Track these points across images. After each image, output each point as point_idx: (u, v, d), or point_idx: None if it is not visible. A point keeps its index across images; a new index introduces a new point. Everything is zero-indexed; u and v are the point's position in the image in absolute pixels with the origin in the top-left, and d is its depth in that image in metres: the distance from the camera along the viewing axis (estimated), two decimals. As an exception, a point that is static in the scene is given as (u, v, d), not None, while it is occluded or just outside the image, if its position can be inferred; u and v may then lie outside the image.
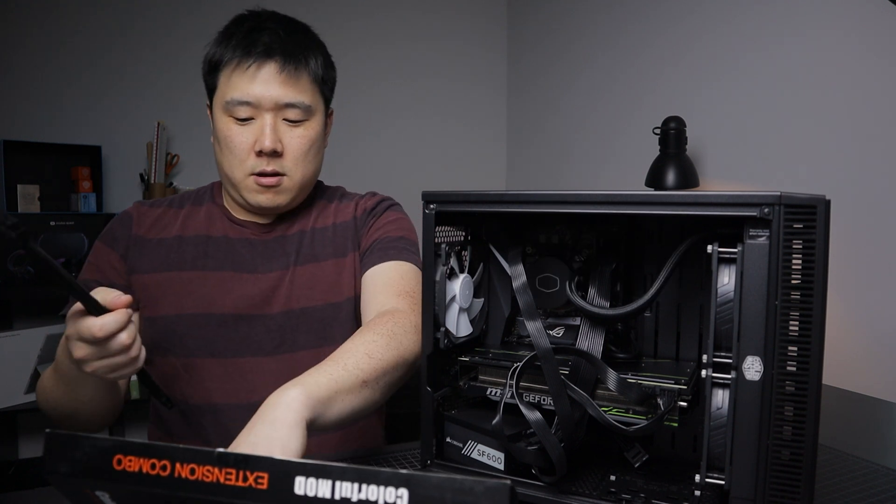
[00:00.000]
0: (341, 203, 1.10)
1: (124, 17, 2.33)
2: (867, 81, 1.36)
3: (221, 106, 0.96)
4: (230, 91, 0.95)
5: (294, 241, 1.04)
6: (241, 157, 0.96)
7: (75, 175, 2.19)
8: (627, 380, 0.66)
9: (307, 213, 1.07)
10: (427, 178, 2.72)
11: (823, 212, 0.55)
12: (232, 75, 0.95)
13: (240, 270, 1.01)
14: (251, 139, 0.95)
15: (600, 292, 0.72)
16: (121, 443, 0.38)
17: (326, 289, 1.02)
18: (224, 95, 0.95)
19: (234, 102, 0.94)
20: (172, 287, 0.99)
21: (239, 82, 0.94)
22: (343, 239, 1.06)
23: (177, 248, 1.01)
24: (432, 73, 2.78)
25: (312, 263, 1.03)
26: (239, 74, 0.94)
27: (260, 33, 0.95)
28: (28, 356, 2.07)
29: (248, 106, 0.94)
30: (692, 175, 1.69)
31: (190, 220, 1.04)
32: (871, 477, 0.80)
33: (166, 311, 0.98)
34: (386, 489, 0.33)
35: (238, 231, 1.04)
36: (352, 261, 1.05)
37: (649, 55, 2.04)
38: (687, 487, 0.69)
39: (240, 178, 0.97)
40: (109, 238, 1.02)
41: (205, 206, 1.06)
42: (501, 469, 0.72)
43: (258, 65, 0.94)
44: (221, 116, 0.97)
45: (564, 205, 0.66)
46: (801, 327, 0.56)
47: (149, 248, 1.01)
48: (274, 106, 0.95)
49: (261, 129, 0.95)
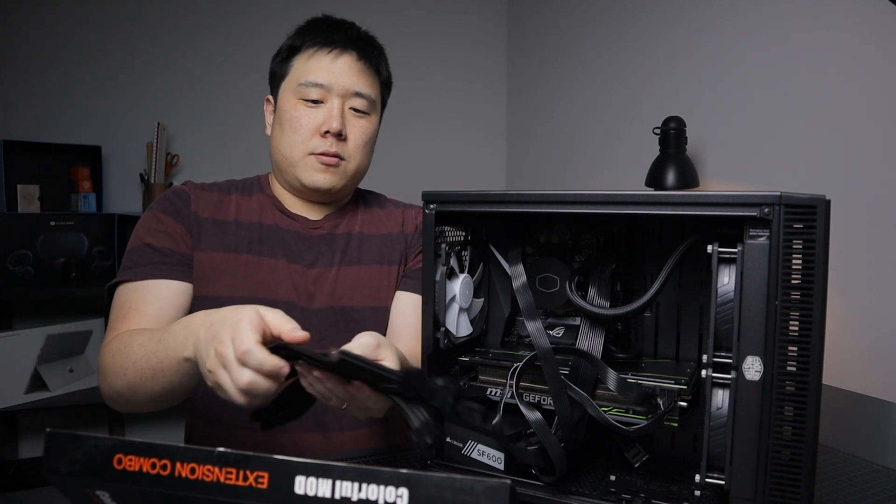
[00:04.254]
0: (384, 209, 1.13)
1: (124, 17, 2.32)
2: (867, 81, 1.36)
3: (292, 89, 1.00)
4: (307, 73, 0.99)
5: (341, 242, 1.06)
6: (305, 136, 0.99)
7: (75, 175, 2.19)
8: (627, 380, 0.66)
9: (353, 216, 1.09)
10: (427, 178, 2.71)
11: (823, 212, 0.55)
12: (310, 59, 1.00)
13: (292, 260, 1.02)
14: (319, 120, 0.99)
15: (600, 292, 0.72)
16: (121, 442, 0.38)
17: (369, 292, 1.04)
18: (299, 77, 1.00)
19: (309, 83, 0.98)
20: (229, 268, 0.99)
21: (317, 65, 0.99)
22: (390, 250, 1.08)
23: (234, 231, 1.02)
24: (432, 73, 2.78)
25: (356, 265, 1.05)
26: (318, 59, 0.99)
27: (340, 29, 1.02)
28: (28, 356, 2.07)
29: (320, 88, 0.99)
30: (692, 175, 1.69)
31: (242, 206, 1.05)
32: (871, 477, 0.80)
33: (220, 291, 0.98)
34: (386, 489, 0.33)
35: (289, 223, 1.05)
36: (395, 273, 1.07)
37: (649, 55, 2.04)
38: (687, 487, 0.69)
39: (299, 156, 0.99)
40: (172, 209, 1.01)
41: (255, 196, 1.07)
42: (501, 469, 0.72)
43: (338, 52, 1.00)
44: (290, 99, 1.00)
45: (564, 205, 0.66)
46: (801, 327, 0.56)
47: (206, 227, 1.01)
48: (345, 92, 0.99)
49: (329, 111, 0.99)
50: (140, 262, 0.96)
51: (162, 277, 0.96)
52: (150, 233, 0.99)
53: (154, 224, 1.00)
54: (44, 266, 2.08)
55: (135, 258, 0.97)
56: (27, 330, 2.08)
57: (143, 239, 0.98)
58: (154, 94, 2.37)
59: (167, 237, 0.98)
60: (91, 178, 2.20)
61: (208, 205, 1.03)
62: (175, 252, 0.98)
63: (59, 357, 2.14)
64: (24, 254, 2.05)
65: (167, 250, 0.97)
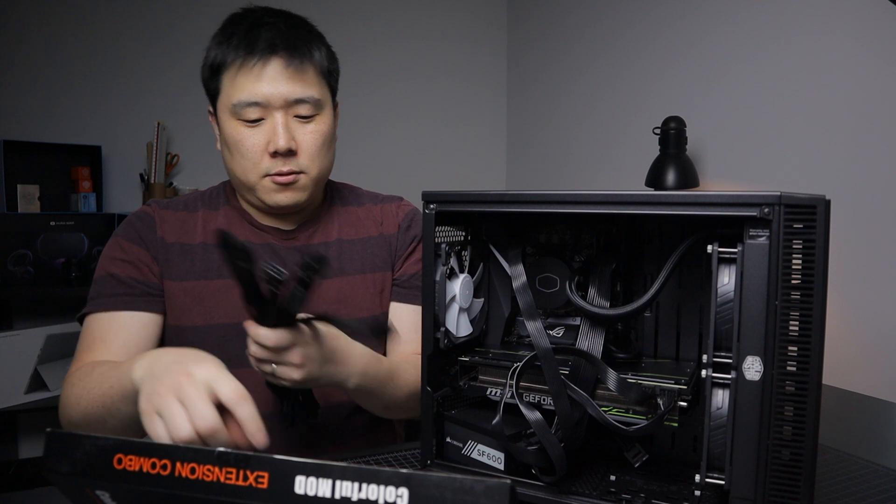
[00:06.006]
0: (361, 207, 1.07)
1: (124, 18, 2.32)
2: (867, 81, 1.36)
3: (228, 110, 0.92)
4: (236, 93, 0.91)
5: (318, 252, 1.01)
6: (254, 160, 0.92)
7: (75, 175, 2.19)
8: (627, 380, 0.66)
9: (329, 221, 1.04)
10: (427, 178, 2.72)
11: (823, 212, 0.55)
12: (237, 76, 0.91)
13: None
14: (263, 140, 0.92)
15: (600, 292, 0.72)
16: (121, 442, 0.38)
17: (353, 304, 1.01)
18: (230, 98, 0.92)
19: (243, 104, 0.90)
20: (201, 297, 0.96)
21: (245, 83, 0.90)
22: (372, 256, 1.04)
23: (202, 256, 0.97)
24: (432, 74, 2.78)
25: (339, 277, 1.01)
26: (244, 75, 0.90)
27: (260, 30, 0.91)
28: (28, 356, 2.07)
29: (256, 107, 0.91)
30: (692, 175, 1.69)
31: (210, 224, 1.00)
32: (871, 477, 0.80)
33: (196, 321, 0.95)
34: (386, 488, 0.33)
35: (260, 236, 1.00)
36: (382, 280, 1.03)
37: (649, 55, 2.04)
38: (687, 487, 0.69)
39: (254, 180, 0.94)
40: (135, 236, 0.97)
41: (221, 210, 1.02)
42: (501, 469, 0.72)
43: (263, 62, 0.90)
44: (229, 120, 0.93)
45: (564, 205, 0.66)
46: (801, 327, 0.56)
47: (174, 254, 0.97)
48: (284, 103, 0.91)
49: (272, 128, 0.91)
50: (104, 293, 0.93)
51: (126, 309, 0.93)
52: (113, 262, 0.95)
53: (117, 253, 0.96)
54: (44, 266, 2.08)
55: (99, 289, 0.94)
56: (27, 330, 2.08)
57: (108, 269, 0.95)
58: (154, 94, 2.37)
59: (131, 266, 0.95)
60: (91, 178, 2.20)
61: (174, 227, 0.98)
62: (140, 282, 0.94)
63: (59, 357, 2.14)
64: (24, 254, 2.05)
65: (131, 280, 0.94)
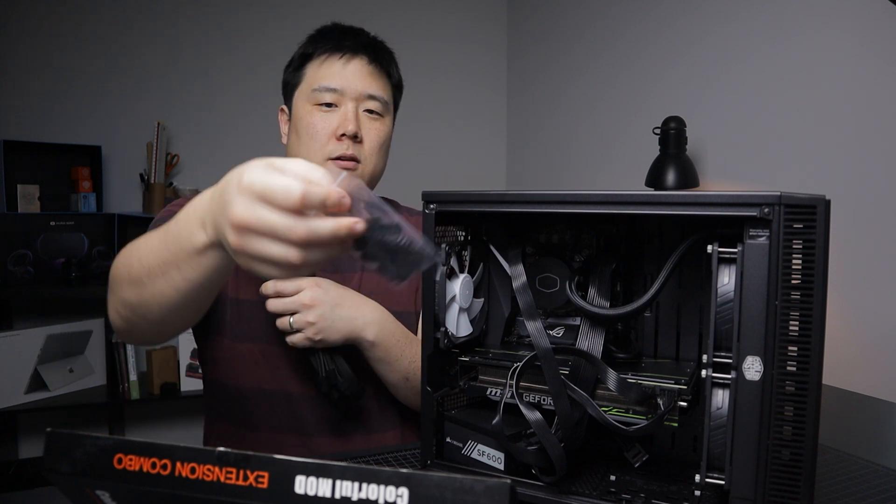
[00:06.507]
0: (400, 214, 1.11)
1: (124, 18, 2.33)
2: (867, 81, 1.36)
3: (306, 95, 1.02)
4: (319, 79, 1.01)
5: None
6: (321, 141, 1.00)
7: (75, 175, 2.19)
8: (627, 380, 0.66)
9: None
10: (427, 178, 2.71)
11: (823, 212, 0.55)
12: (322, 65, 1.02)
13: None
14: (334, 124, 1.00)
15: (600, 292, 0.72)
16: (121, 442, 0.38)
17: (391, 297, 1.03)
18: (312, 83, 1.01)
19: (323, 88, 1.00)
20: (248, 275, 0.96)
21: (329, 71, 1.01)
22: None
23: None
24: (432, 73, 2.78)
25: None
26: (329, 65, 1.01)
27: (350, 34, 1.05)
28: (28, 356, 2.07)
29: (333, 93, 1.00)
30: (692, 175, 1.69)
31: None
32: (871, 477, 0.80)
33: (251, 295, 0.98)
34: (386, 488, 0.33)
35: None
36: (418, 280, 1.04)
37: (649, 55, 2.04)
38: (687, 487, 0.69)
39: (318, 162, 0.95)
40: None
41: None
42: (501, 469, 0.72)
43: (349, 57, 1.02)
44: (304, 105, 1.01)
45: (564, 205, 0.66)
46: (801, 327, 0.56)
47: None
48: (357, 95, 1.01)
49: (344, 115, 1.00)
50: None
51: None
52: None
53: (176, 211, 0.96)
54: (44, 266, 2.08)
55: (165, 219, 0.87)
56: (27, 330, 2.09)
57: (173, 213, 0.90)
58: (154, 94, 2.37)
59: None
60: (91, 178, 2.20)
61: None
62: None
63: (59, 357, 2.14)
64: (24, 254, 2.05)
65: None
